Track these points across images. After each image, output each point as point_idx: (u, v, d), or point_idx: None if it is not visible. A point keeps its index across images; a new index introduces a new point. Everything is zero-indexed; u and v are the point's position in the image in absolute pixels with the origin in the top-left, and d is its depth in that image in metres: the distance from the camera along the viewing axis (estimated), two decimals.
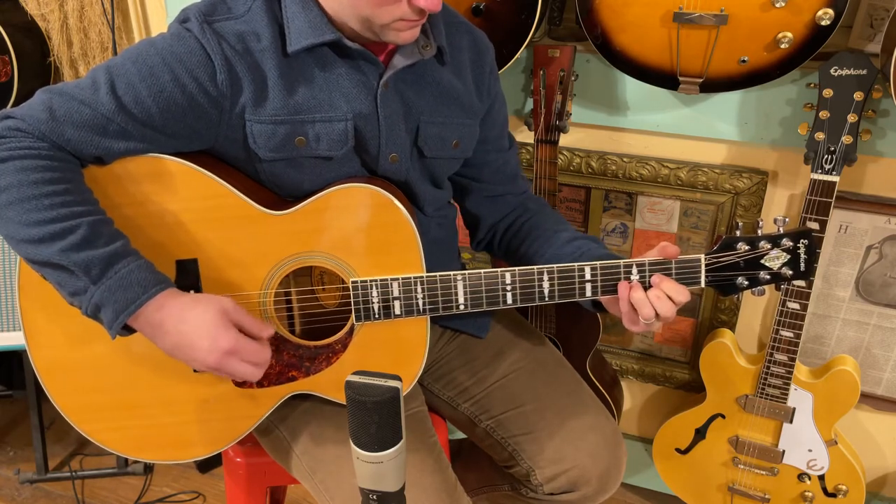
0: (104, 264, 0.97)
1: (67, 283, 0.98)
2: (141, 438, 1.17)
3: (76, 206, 0.98)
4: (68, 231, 0.96)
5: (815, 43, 1.30)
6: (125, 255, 0.99)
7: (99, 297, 0.97)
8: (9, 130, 0.99)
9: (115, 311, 0.98)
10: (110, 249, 0.98)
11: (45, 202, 0.96)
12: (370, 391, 0.73)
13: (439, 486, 1.14)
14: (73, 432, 2.23)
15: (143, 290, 0.98)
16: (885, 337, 1.64)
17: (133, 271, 0.98)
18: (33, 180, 0.97)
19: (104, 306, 0.98)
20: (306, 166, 1.11)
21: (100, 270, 0.97)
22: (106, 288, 0.97)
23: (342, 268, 1.11)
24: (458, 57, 1.19)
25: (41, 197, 0.96)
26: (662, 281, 1.08)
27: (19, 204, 0.96)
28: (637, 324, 1.10)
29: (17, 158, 0.98)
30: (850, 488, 1.63)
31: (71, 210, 0.97)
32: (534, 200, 1.36)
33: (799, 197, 1.60)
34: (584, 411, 1.28)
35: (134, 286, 0.98)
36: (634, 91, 1.60)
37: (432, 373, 1.36)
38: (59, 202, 0.97)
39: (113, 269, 0.97)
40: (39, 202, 0.96)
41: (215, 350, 0.99)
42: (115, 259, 0.98)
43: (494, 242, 1.35)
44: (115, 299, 0.97)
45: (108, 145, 1.02)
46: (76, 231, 0.96)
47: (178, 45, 1.03)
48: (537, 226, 1.28)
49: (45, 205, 0.96)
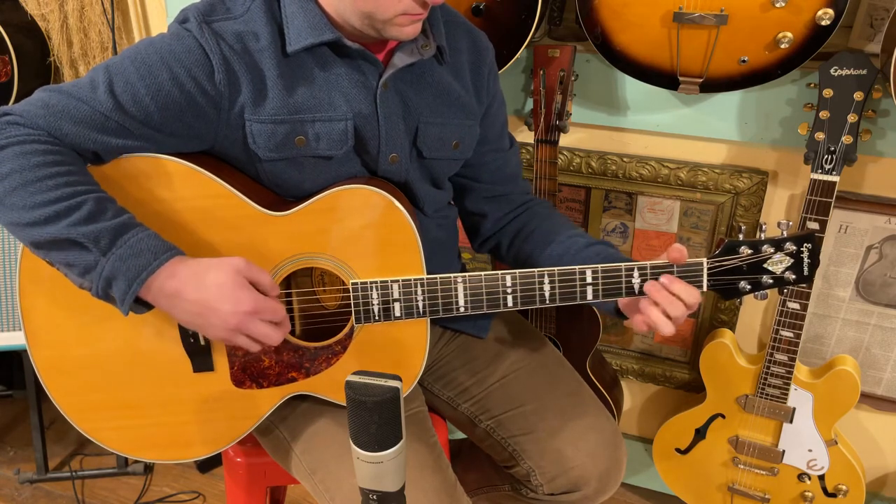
0: (113, 234, 0.97)
1: (77, 260, 0.97)
2: (141, 438, 1.17)
3: (79, 185, 0.98)
4: (74, 207, 0.96)
5: (815, 43, 1.30)
6: (134, 226, 0.99)
7: (110, 269, 0.96)
8: (6, 124, 1.00)
9: (128, 279, 0.97)
10: (118, 221, 0.98)
11: (49, 183, 0.96)
12: (370, 391, 0.73)
13: (439, 486, 1.14)
14: (73, 432, 2.23)
15: (154, 257, 0.98)
16: (885, 337, 1.64)
17: (143, 239, 0.98)
18: (35, 163, 0.97)
19: (115, 278, 0.97)
20: (306, 166, 1.11)
21: (109, 240, 0.96)
22: (117, 257, 0.96)
23: (342, 269, 1.11)
24: (458, 57, 1.19)
25: (44, 179, 0.96)
26: (673, 282, 1.08)
27: (22, 188, 0.96)
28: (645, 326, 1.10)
29: (17, 144, 0.98)
30: (850, 488, 1.63)
31: (75, 188, 0.97)
32: (541, 205, 1.35)
33: (799, 197, 1.60)
34: (584, 411, 1.28)
35: (145, 253, 0.97)
36: (634, 91, 1.60)
37: (432, 373, 1.36)
38: (63, 182, 0.97)
39: (122, 239, 0.97)
40: (43, 184, 0.96)
41: (238, 312, 0.99)
42: (123, 229, 0.98)
43: (502, 248, 1.34)
44: (127, 267, 0.96)
45: (105, 141, 1.02)
46: (82, 207, 0.96)
47: (177, 44, 1.03)
48: (552, 230, 1.27)
49: (49, 185, 0.96)
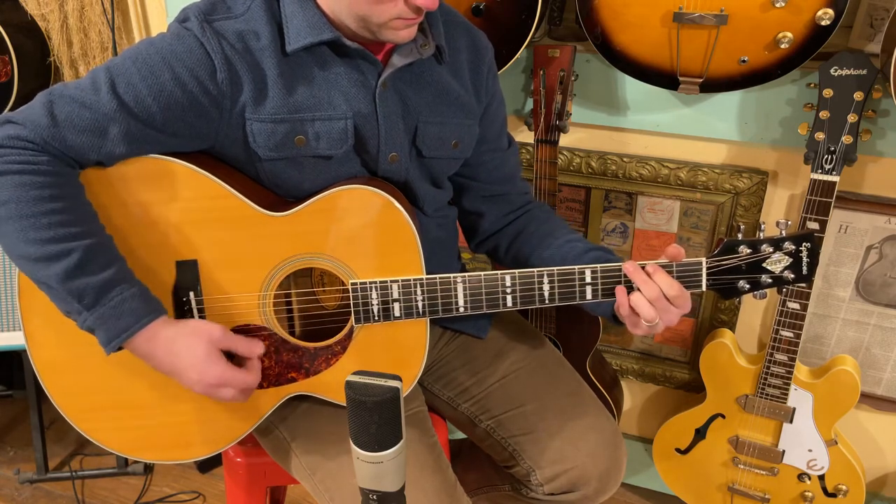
0: (97, 293, 0.99)
1: (61, 305, 1.01)
2: (141, 438, 1.17)
3: (73, 227, 0.99)
4: (64, 254, 0.98)
5: (815, 43, 1.30)
6: (119, 283, 1.01)
7: (91, 323, 1.00)
8: (9, 140, 0.99)
9: (108, 337, 1.01)
10: (104, 276, 1.00)
11: (43, 221, 0.97)
12: (370, 391, 0.73)
13: (439, 486, 1.14)
14: (73, 432, 2.23)
15: (136, 320, 1.01)
16: (885, 337, 1.64)
17: (126, 300, 1.01)
18: (32, 197, 0.98)
19: (96, 330, 1.01)
20: (306, 166, 1.11)
21: (93, 299, 0.99)
22: (98, 316, 1.00)
23: (342, 269, 1.11)
24: (457, 56, 1.19)
25: (39, 215, 0.97)
26: (656, 271, 1.08)
27: (17, 220, 0.97)
28: (639, 326, 1.10)
29: (16, 173, 0.98)
30: (850, 488, 1.63)
31: (67, 231, 0.99)
32: (540, 208, 1.35)
33: (799, 197, 1.60)
34: (584, 411, 1.28)
35: (126, 315, 1.00)
36: (634, 91, 1.60)
37: (432, 373, 1.36)
38: (57, 221, 0.98)
39: (106, 298, 1.00)
40: (37, 220, 0.97)
41: (202, 383, 1.05)
42: (108, 287, 1.00)
43: (500, 250, 1.33)
44: (108, 327, 1.00)
45: (109, 149, 1.02)
46: (71, 255, 0.98)
47: (178, 44, 1.03)
48: (549, 234, 1.27)
49: (43, 224, 0.97)
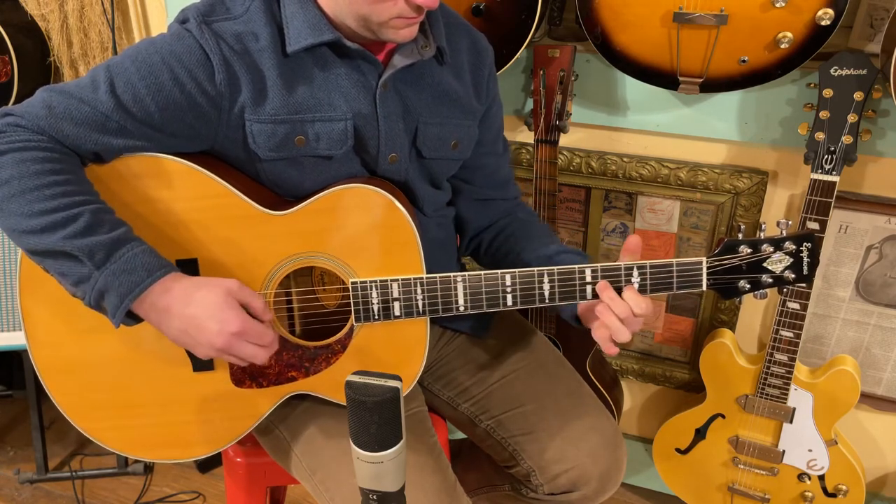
0: (108, 249, 0.97)
1: (71, 272, 0.98)
2: (141, 438, 1.17)
3: (77, 196, 0.99)
4: (71, 219, 0.96)
5: (815, 43, 1.30)
6: (129, 241, 1.00)
7: (103, 283, 0.97)
8: (7, 126, 1.00)
9: (120, 294, 0.97)
10: (114, 235, 0.98)
11: (47, 192, 0.97)
12: (370, 391, 0.73)
13: (439, 486, 1.14)
14: (73, 432, 2.23)
15: (148, 274, 0.98)
16: (885, 337, 1.64)
17: (137, 255, 0.99)
18: (34, 171, 0.97)
19: (108, 291, 0.98)
20: (306, 166, 1.11)
21: (104, 255, 0.97)
22: (110, 272, 0.97)
23: (342, 268, 1.11)
24: (458, 58, 1.19)
25: (42, 187, 0.97)
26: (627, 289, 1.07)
27: (21, 196, 0.97)
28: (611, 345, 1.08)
29: (16, 150, 0.98)
30: (850, 488, 1.63)
31: (72, 199, 0.98)
32: (523, 210, 1.35)
33: (799, 197, 1.60)
34: (584, 411, 1.28)
35: (138, 269, 0.98)
36: (634, 91, 1.60)
37: (432, 373, 1.36)
38: (61, 192, 0.98)
39: (118, 254, 0.98)
40: (41, 192, 0.97)
41: (224, 332, 0.99)
42: (118, 244, 0.98)
43: (480, 251, 1.34)
44: (120, 283, 0.97)
45: (106, 141, 1.03)
46: (79, 219, 0.97)
47: (177, 44, 1.03)
48: (525, 236, 1.27)
49: (47, 195, 0.97)
